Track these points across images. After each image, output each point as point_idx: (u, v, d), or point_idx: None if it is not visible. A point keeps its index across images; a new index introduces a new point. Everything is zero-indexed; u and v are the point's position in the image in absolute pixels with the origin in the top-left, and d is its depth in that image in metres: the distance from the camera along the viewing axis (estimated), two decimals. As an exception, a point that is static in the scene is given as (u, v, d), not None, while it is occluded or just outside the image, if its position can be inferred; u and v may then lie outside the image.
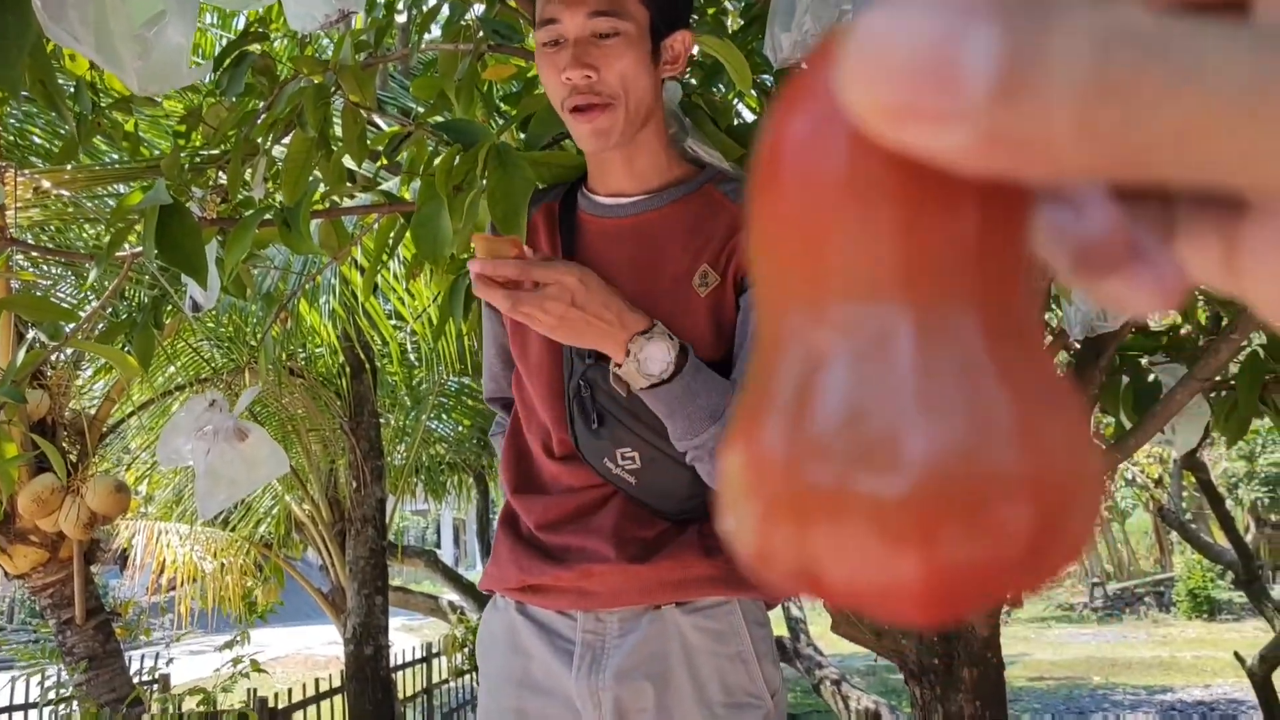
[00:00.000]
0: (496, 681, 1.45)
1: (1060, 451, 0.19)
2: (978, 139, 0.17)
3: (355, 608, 5.16)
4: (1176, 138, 0.16)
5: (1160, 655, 11.27)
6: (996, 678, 2.20)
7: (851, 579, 0.20)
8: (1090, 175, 0.17)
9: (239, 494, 2.48)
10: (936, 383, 0.19)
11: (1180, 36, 0.16)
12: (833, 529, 0.19)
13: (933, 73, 0.17)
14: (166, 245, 1.90)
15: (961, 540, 0.18)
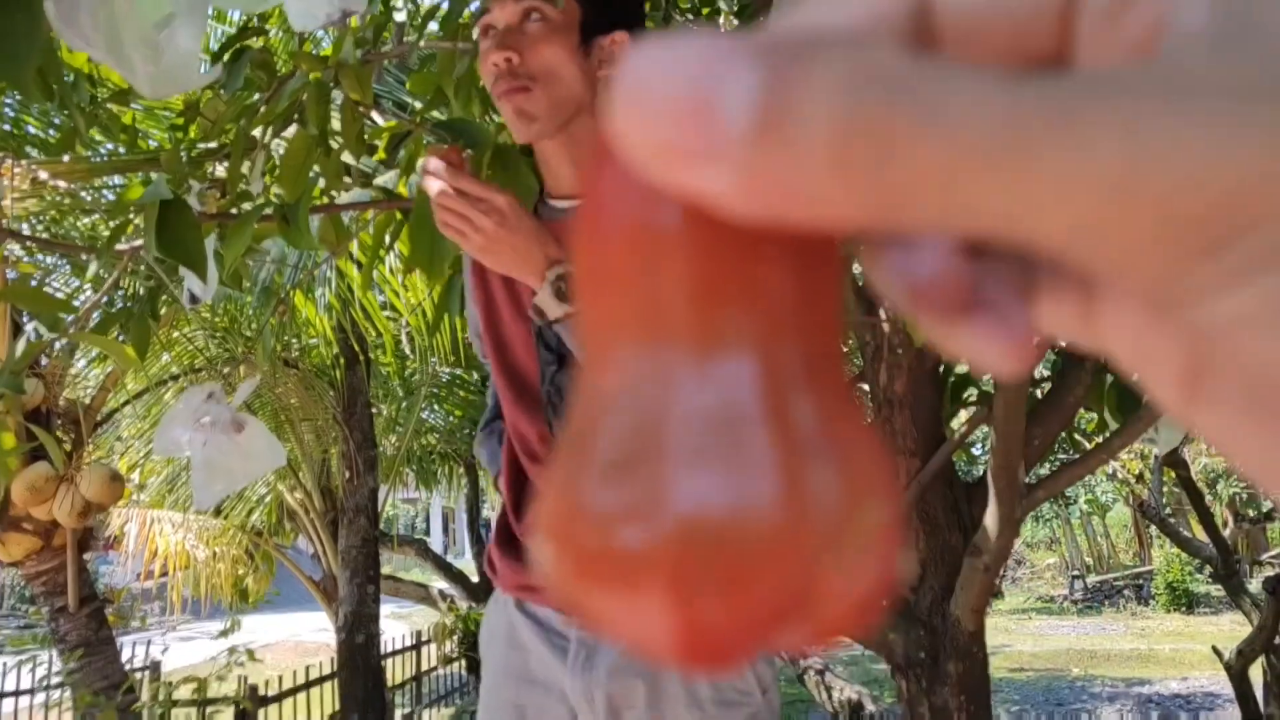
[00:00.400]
0: (497, 676, 1.49)
1: (832, 506, 0.19)
2: (739, 179, 0.17)
3: (347, 596, 5.20)
4: (931, 180, 0.16)
5: (1139, 648, 11.36)
6: (981, 672, 2.24)
7: (620, 627, 0.20)
8: (855, 219, 0.17)
9: (236, 485, 2.51)
10: (703, 433, 0.19)
11: (931, 78, 0.16)
12: (599, 580, 0.20)
13: (693, 113, 0.17)
14: (166, 240, 1.92)
15: (711, 595, 0.18)
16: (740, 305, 0.19)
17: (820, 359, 0.20)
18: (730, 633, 0.19)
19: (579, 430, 0.21)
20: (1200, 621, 12.95)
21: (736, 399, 0.19)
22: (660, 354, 0.20)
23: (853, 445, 0.20)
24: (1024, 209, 0.16)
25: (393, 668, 7.53)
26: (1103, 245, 0.16)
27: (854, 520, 0.19)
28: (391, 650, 7.74)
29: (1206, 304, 0.16)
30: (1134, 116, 0.15)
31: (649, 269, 0.20)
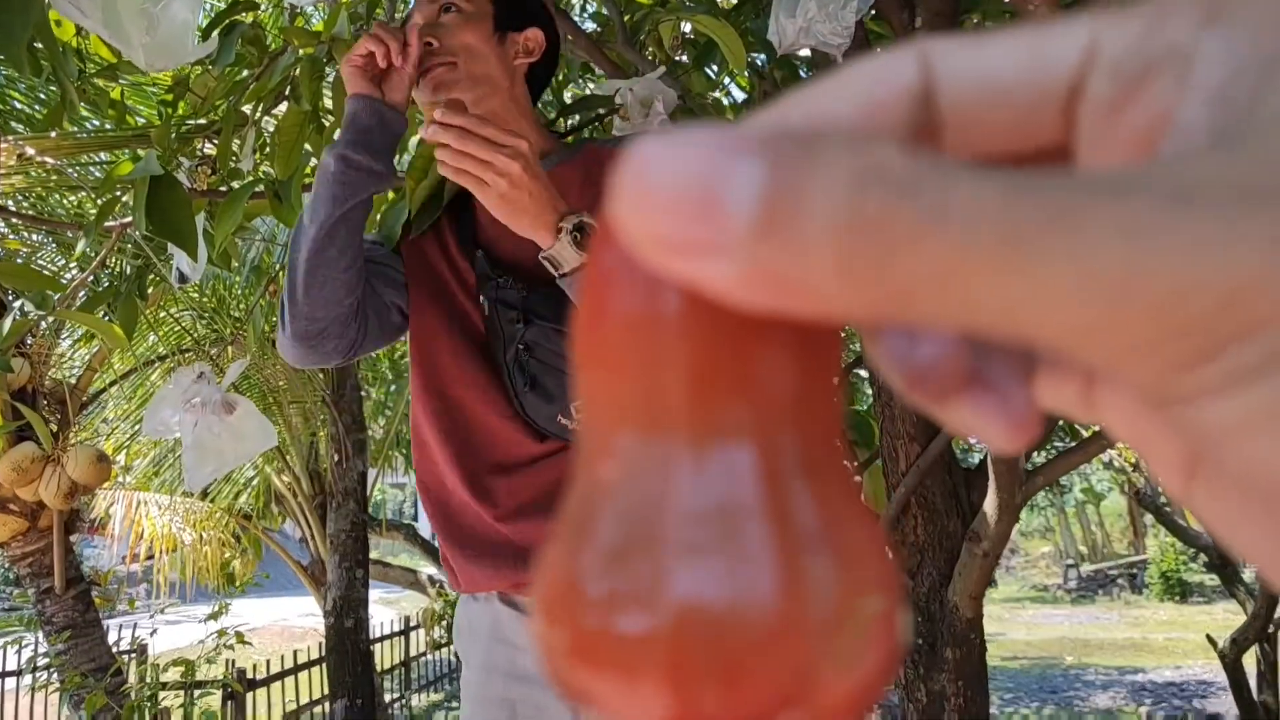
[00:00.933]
0: (479, 672, 1.45)
1: (830, 598, 0.19)
2: (742, 273, 0.17)
3: (335, 580, 5.16)
4: (933, 279, 0.16)
5: (1132, 636, 11.42)
6: (979, 658, 2.22)
7: (616, 711, 0.20)
8: (859, 314, 0.17)
9: (227, 466, 2.47)
10: (701, 523, 0.19)
11: (933, 177, 0.16)
12: (596, 665, 0.20)
13: (697, 205, 0.17)
14: (156, 216, 1.89)
15: (708, 684, 0.19)
16: (740, 396, 0.20)
17: (820, 448, 0.20)
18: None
19: (577, 514, 0.21)
20: (1194, 611, 13.03)
21: (735, 490, 0.19)
22: (659, 442, 0.20)
23: (852, 536, 0.20)
24: (1022, 309, 0.16)
25: (381, 653, 7.52)
26: (1101, 346, 0.16)
27: (852, 613, 0.19)
28: (380, 635, 7.73)
29: (1205, 406, 0.16)
30: (1132, 220, 0.15)
31: (649, 356, 0.20)
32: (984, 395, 0.21)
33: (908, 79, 0.20)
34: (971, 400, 0.21)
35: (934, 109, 0.20)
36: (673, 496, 0.19)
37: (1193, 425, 0.17)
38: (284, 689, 6.20)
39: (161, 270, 2.83)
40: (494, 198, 1.20)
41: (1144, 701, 8.01)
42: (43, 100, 3.96)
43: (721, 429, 0.19)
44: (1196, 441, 0.17)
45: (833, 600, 0.19)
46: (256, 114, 2.33)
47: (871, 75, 0.20)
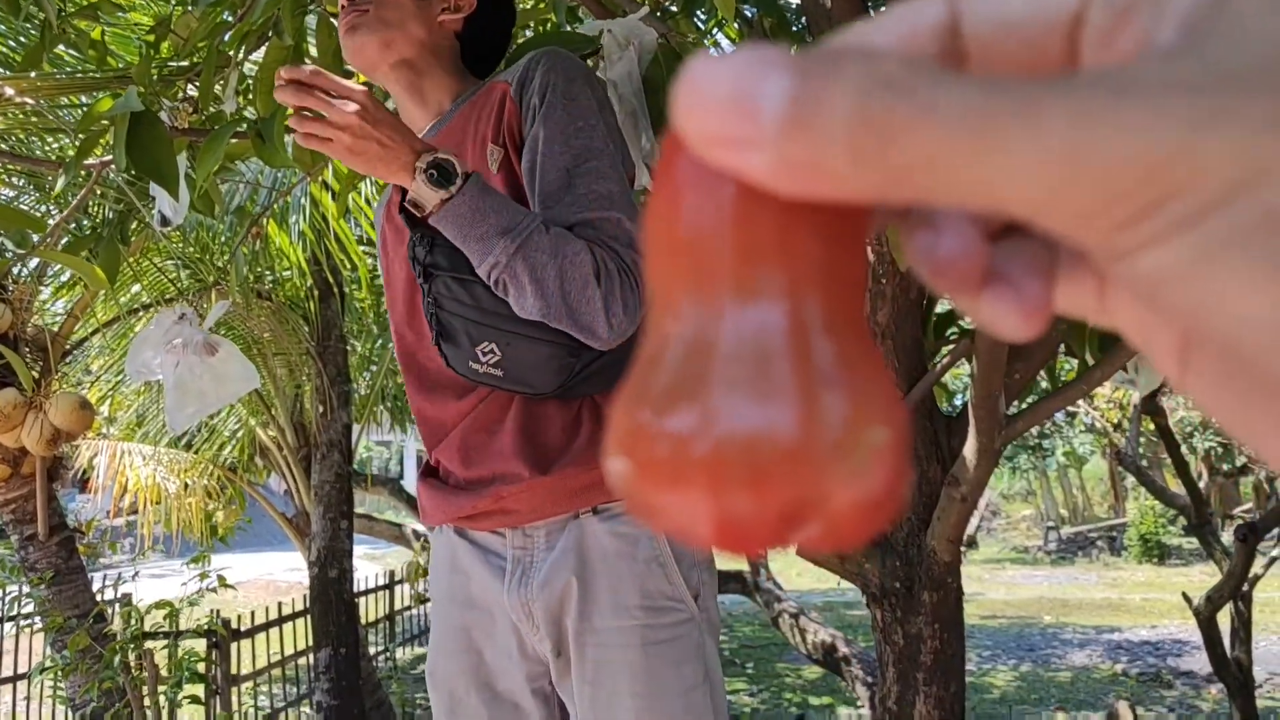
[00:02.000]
0: (442, 601, 1.53)
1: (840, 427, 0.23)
2: (775, 162, 0.21)
3: (320, 531, 5.17)
4: (924, 161, 0.20)
5: (1110, 597, 11.55)
6: (956, 602, 2.24)
7: (671, 520, 0.24)
8: (870, 194, 0.21)
9: (209, 408, 2.46)
10: (738, 366, 0.23)
11: (926, 82, 0.20)
12: (655, 483, 0.24)
13: (737, 107, 0.21)
14: (136, 153, 1.87)
15: (739, 493, 0.23)
16: (775, 264, 0.24)
17: (843, 311, 0.24)
18: (755, 524, 0.23)
19: (644, 363, 0.25)
20: (1171, 572, 13.18)
21: (767, 339, 0.24)
22: (710, 302, 0.24)
23: (864, 380, 0.24)
24: (994, 184, 0.20)
25: (366, 606, 7.55)
26: (1058, 214, 0.20)
27: (859, 439, 0.23)
28: (365, 589, 7.76)
29: (1142, 257, 0.20)
30: (1080, 106, 0.19)
31: (703, 231, 0.24)
32: (1001, 288, 0.25)
33: (936, 15, 0.24)
34: (990, 292, 0.25)
35: (960, 40, 0.24)
36: (718, 344, 0.24)
37: (1137, 276, 0.20)
38: (269, 640, 6.23)
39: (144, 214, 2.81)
40: (342, 152, 1.21)
41: (1119, 660, 8.12)
42: (21, 42, 3.90)
43: (759, 290, 0.24)
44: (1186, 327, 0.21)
45: (843, 427, 0.23)
46: (239, 55, 2.31)
47: (907, 13, 0.25)
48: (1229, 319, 0.19)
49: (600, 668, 1.37)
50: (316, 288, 5.25)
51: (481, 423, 1.46)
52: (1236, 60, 0.19)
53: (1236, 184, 0.18)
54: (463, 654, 1.49)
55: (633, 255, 1.28)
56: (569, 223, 1.29)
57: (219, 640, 5.26)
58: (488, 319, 1.35)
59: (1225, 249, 0.18)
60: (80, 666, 4.21)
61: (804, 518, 0.23)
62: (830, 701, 6.89)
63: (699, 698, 1.37)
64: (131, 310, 5.11)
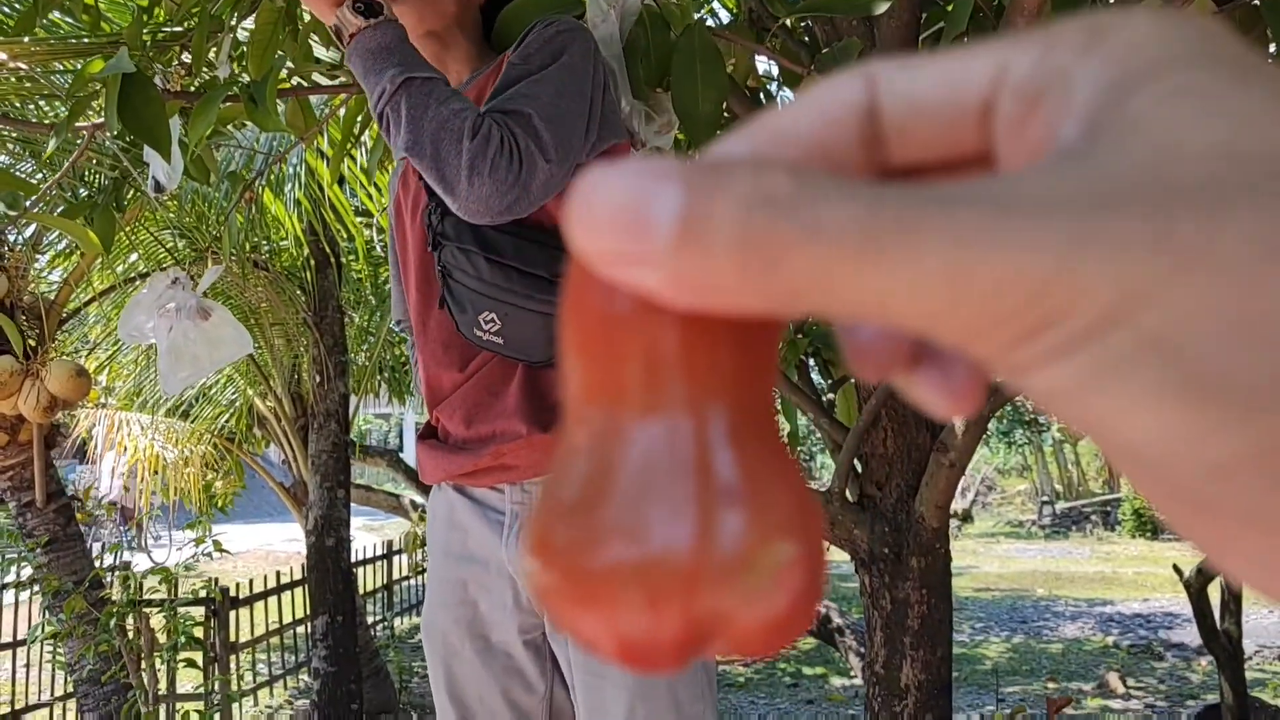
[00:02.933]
0: (438, 556, 1.59)
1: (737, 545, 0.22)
2: (668, 279, 0.20)
3: (317, 500, 5.20)
4: (811, 280, 0.19)
5: (1103, 570, 11.60)
6: (943, 568, 2.27)
7: (578, 636, 0.24)
8: (765, 308, 0.20)
9: (202, 372, 2.48)
10: (638, 483, 0.23)
11: (809, 197, 0.19)
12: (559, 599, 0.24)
13: (628, 224, 0.20)
14: (128, 115, 1.87)
15: (634, 615, 0.23)
16: (679, 375, 0.23)
17: (751, 418, 0.24)
18: (655, 644, 0.23)
19: (555, 475, 0.25)
20: (1164, 547, 13.23)
21: (667, 454, 0.23)
22: (614, 414, 0.24)
23: (771, 492, 0.23)
24: (881, 302, 0.19)
25: (364, 576, 7.60)
26: (947, 331, 0.19)
27: (760, 558, 0.22)
28: (363, 559, 7.80)
29: (1035, 376, 0.20)
30: (963, 225, 0.18)
31: (609, 345, 0.24)
32: (928, 370, 0.25)
33: (855, 98, 0.24)
34: (916, 375, 0.25)
35: (878, 123, 0.24)
36: (620, 459, 0.24)
37: (1033, 392, 0.20)
38: (266, 608, 6.27)
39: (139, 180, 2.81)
40: None
41: (1111, 632, 8.17)
42: (15, 8, 3.89)
43: (660, 404, 0.23)
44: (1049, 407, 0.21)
45: (739, 547, 0.22)
46: (231, 20, 2.30)
47: (826, 96, 0.24)
48: (1123, 440, 0.19)
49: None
50: (313, 258, 5.25)
51: (485, 384, 1.50)
52: (1121, 167, 0.19)
53: (1114, 308, 0.18)
54: (458, 606, 1.54)
55: (526, 139, 1.28)
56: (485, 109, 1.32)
57: (217, 608, 5.30)
58: (487, 289, 1.40)
59: (1110, 373, 0.18)
60: (77, 631, 4.24)
61: (705, 637, 0.23)
62: (823, 672, 6.95)
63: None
64: (128, 280, 5.11)
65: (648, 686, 1.40)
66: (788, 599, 0.23)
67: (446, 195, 1.28)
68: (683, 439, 0.23)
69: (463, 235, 1.40)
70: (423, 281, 1.58)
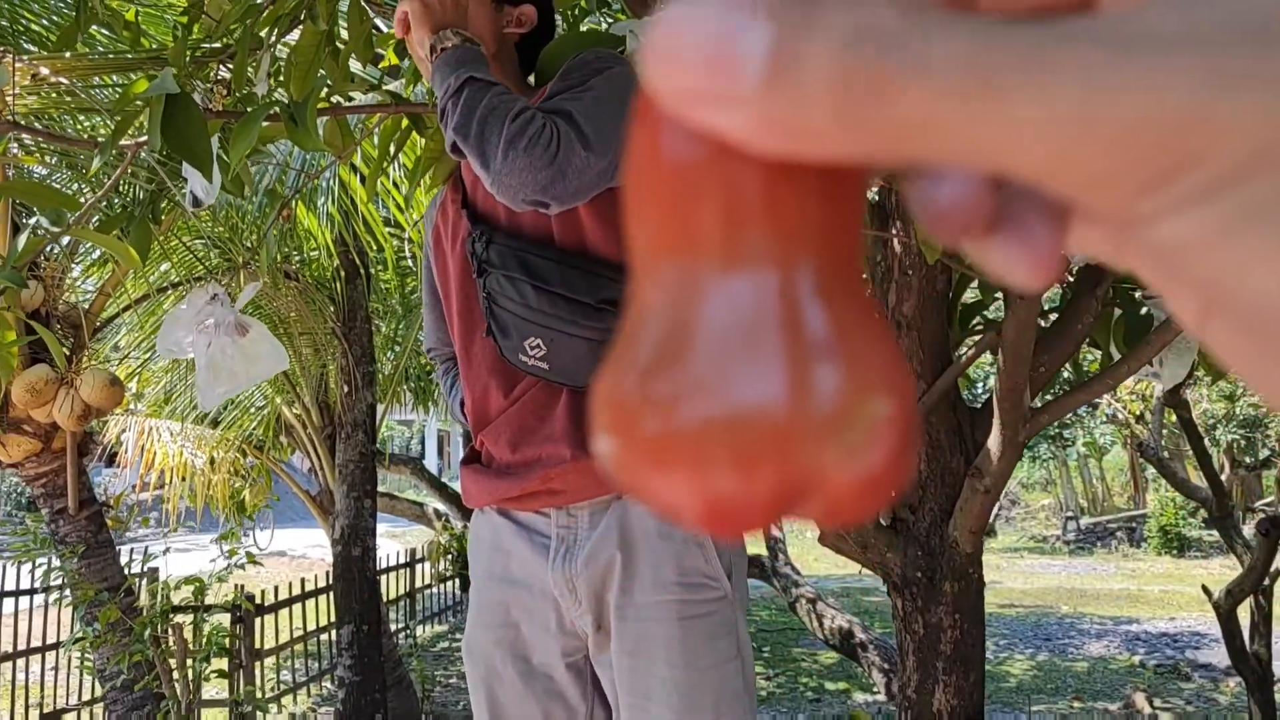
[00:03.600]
0: (481, 578, 1.61)
1: (832, 400, 0.22)
2: (754, 121, 0.19)
3: (344, 510, 5.23)
4: (918, 122, 0.18)
5: (1128, 588, 11.51)
6: (977, 593, 2.26)
7: (659, 500, 0.23)
8: (858, 154, 0.19)
9: (239, 387, 2.50)
10: (725, 337, 0.22)
11: (919, 32, 0.18)
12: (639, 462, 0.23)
13: (713, 62, 0.19)
14: (171, 134, 1.89)
15: (725, 473, 0.22)
16: (763, 226, 0.22)
17: (838, 274, 0.23)
18: (745, 505, 0.22)
19: (626, 337, 0.24)
20: (1190, 565, 13.11)
21: (755, 307, 0.22)
22: (692, 269, 0.23)
23: (863, 348, 0.22)
24: (997, 146, 0.18)
25: (387, 584, 7.62)
26: (1067, 178, 0.18)
27: (856, 414, 0.22)
28: (386, 567, 7.83)
29: (1160, 227, 0.18)
30: (1091, 64, 0.17)
31: (685, 197, 0.22)
32: (1010, 235, 0.23)
33: None
34: (998, 239, 0.23)
35: None
36: (701, 314, 0.22)
37: (1152, 244, 0.19)
38: (291, 615, 6.31)
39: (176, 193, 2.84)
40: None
41: (1137, 651, 8.10)
42: (57, 22, 3.94)
43: (745, 256, 0.22)
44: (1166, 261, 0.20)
45: (835, 402, 0.22)
46: (271, 38, 2.33)
47: None
48: (1251, 292, 0.18)
49: (640, 639, 1.44)
50: (343, 268, 5.28)
51: (530, 408, 1.53)
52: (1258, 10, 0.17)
53: (1259, 154, 0.17)
54: (500, 628, 1.56)
55: (565, 126, 1.33)
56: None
57: (244, 615, 5.33)
58: (533, 315, 1.43)
59: (1247, 222, 0.17)
60: (111, 639, 4.28)
61: (798, 497, 0.22)
62: (846, 687, 6.92)
63: (731, 671, 1.44)
64: (161, 289, 5.16)
65: (693, 708, 1.41)
66: (883, 456, 0.22)
67: (484, 171, 1.32)
68: (769, 293, 0.22)
69: (508, 263, 1.45)
70: (465, 309, 1.61)
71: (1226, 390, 13.23)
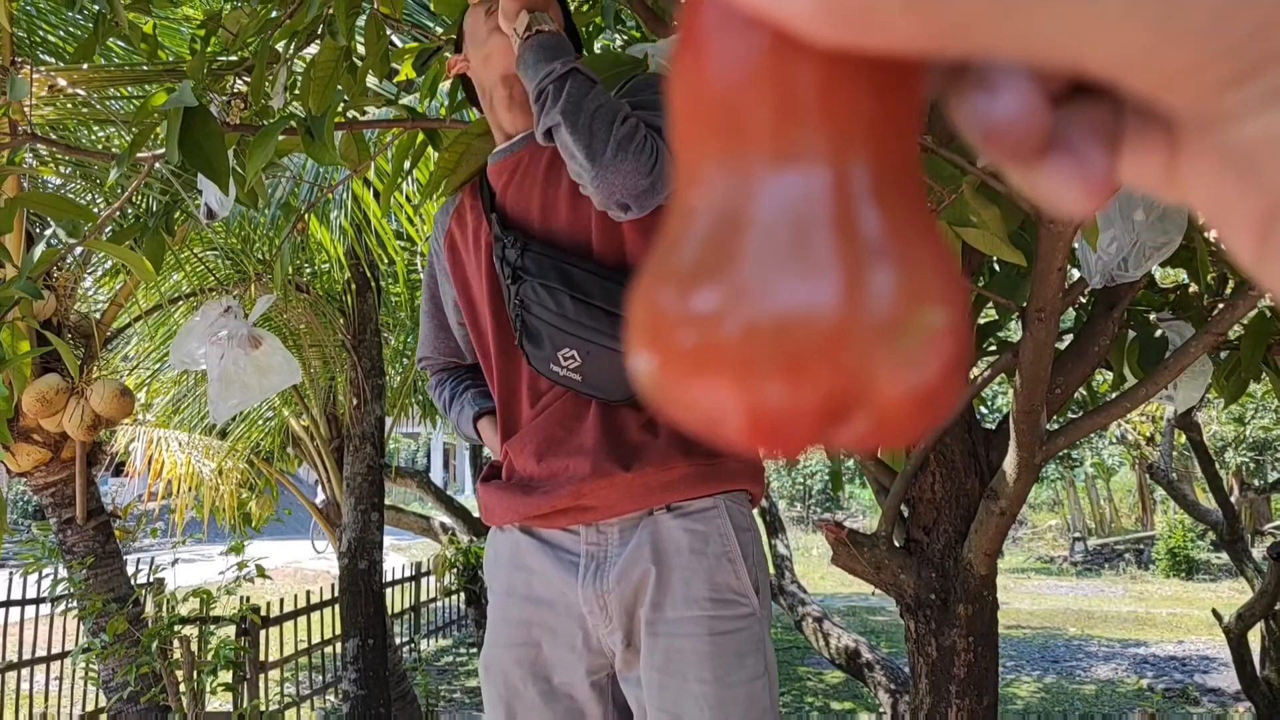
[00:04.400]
0: (501, 596, 1.58)
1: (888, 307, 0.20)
2: (817, 9, 0.18)
3: (351, 522, 5.22)
4: (994, 11, 0.17)
5: (1136, 610, 11.44)
6: (990, 616, 2.24)
7: (701, 415, 0.22)
8: (926, 45, 0.18)
9: (251, 400, 2.50)
10: (774, 237, 0.21)
11: None
12: (681, 373, 0.22)
13: None
14: (189, 148, 1.90)
15: (775, 381, 0.20)
16: (816, 123, 0.21)
17: (895, 176, 0.22)
18: (793, 417, 0.21)
19: (666, 244, 0.23)
20: (1199, 588, 13.04)
21: (807, 206, 0.21)
22: (741, 168, 0.21)
23: (919, 254, 0.21)
24: (1076, 37, 0.17)
25: (392, 597, 7.61)
26: (1149, 71, 0.17)
27: (912, 321, 0.20)
28: (391, 580, 7.82)
29: (1246, 123, 0.17)
30: None
31: (735, 91, 0.21)
32: (1062, 157, 0.22)
33: None
34: (1050, 161, 0.22)
35: None
36: (750, 214, 0.21)
37: (1231, 143, 0.18)
38: (296, 628, 6.29)
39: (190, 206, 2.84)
40: None
41: (1145, 674, 8.05)
42: (73, 34, 3.96)
43: (798, 153, 0.21)
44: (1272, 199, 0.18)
45: (891, 307, 0.20)
46: (288, 52, 2.34)
47: None
48: None
49: (670, 655, 1.42)
50: (354, 281, 5.29)
51: (557, 419, 1.52)
52: None
53: None
54: (521, 647, 1.54)
55: (663, 144, 1.34)
56: None
57: (249, 627, 5.32)
58: (569, 326, 1.43)
59: None
60: (117, 650, 4.27)
61: (848, 411, 0.21)
62: (852, 707, 6.88)
63: (760, 688, 1.43)
64: (172, 300, 5.17)
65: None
66: (938, 368, 0.21)
67: (588, 163, 1.32)
68: (822, 191, 0.21)
69: (546, 272, 1.44)
70: (496, 315, 1.59)
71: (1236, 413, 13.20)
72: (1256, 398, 11.55)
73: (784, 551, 6.33)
